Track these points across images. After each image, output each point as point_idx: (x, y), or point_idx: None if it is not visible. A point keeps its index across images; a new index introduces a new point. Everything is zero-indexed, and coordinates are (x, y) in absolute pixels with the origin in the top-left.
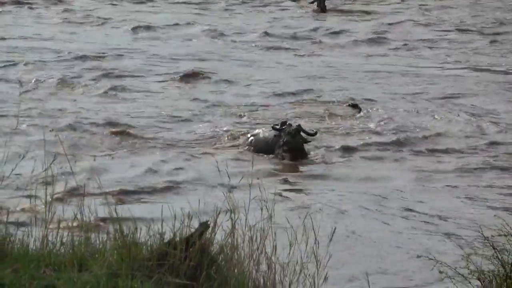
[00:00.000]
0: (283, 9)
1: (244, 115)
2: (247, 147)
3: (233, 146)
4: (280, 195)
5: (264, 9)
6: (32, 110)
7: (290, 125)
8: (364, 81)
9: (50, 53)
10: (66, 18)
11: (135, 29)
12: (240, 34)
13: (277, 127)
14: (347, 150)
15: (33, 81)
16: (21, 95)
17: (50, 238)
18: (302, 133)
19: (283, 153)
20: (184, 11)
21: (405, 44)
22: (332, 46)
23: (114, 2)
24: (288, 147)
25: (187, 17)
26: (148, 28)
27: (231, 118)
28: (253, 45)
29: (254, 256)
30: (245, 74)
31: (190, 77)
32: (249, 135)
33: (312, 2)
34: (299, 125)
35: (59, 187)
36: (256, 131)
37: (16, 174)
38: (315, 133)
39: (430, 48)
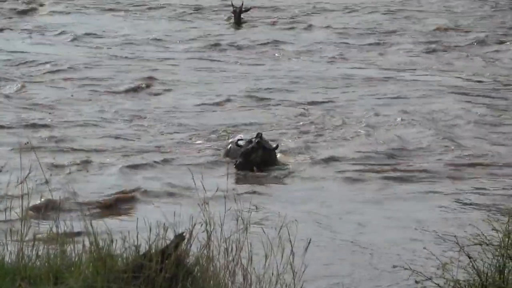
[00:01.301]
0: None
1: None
2: (225, 157)
3: (211, 154)
4: (256, 206)
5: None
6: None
7: (250, 141)
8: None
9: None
10: None
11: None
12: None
13: (241, 143)
14: (325, 161)
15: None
16: None
17: (25, 251)
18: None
19: (235, 166)
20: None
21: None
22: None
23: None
24: (242, 158)
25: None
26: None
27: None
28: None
29: (230, 267)
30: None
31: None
32: (229, 144)
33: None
34: (258, 141)
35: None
36: (237, 137)
37: None
38: (276, 147)
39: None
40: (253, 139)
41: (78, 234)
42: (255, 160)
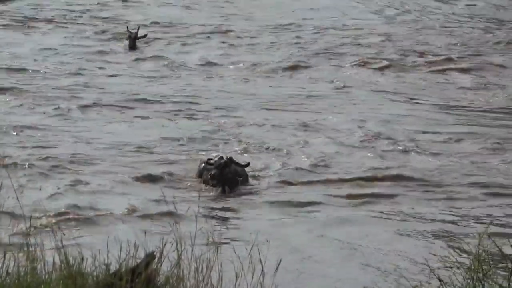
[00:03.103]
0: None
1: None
2: (197, 177)
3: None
4: (227, 226)
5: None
6: None
7: (222, 157)
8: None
9: None
10: None
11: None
12: None
13: (211, 161)
14: (295, 178)
15: None
16: None
17: None
18: (234, 165)
19: (212, 186)
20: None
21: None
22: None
23: None
24: (216, 180)
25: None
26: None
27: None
28: None
29: (200, 287)
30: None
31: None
32: (201, 164)
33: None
34: (230, 158)
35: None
36: (212, 156)
37: None
38: (247, 165)
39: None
40: (224, 156)
41: (49, 251)
42: (228, 175)
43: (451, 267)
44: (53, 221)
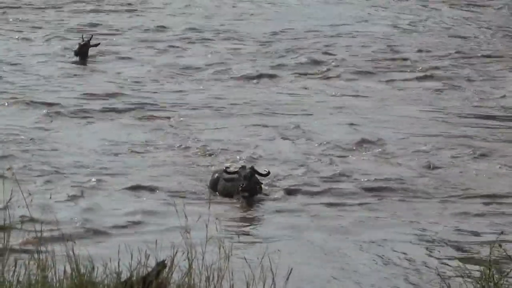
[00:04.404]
0: None
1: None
2: (210, 188)
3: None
4: (238, 235)
5: None
6: None
7: (244, 167)
8: None
9: None
10: None
11: None
12: None
13: (229, 170)
14: (307, 190)
15: None
16: None
17: (6, 276)
18: (256, 175)
19: (242, 197)
20: None
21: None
22: None
23: None
24: (247, 191)
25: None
26: None
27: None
28: None
29: None
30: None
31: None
32: (215, 174)
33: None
34: (252, 167)
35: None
36: (224, 167)
37: None
38: (268, 173)
39: None
40: (244, 166)
41: (60, 260)
42: (254, 186)
43: (462, 276)
44: (64, 229)
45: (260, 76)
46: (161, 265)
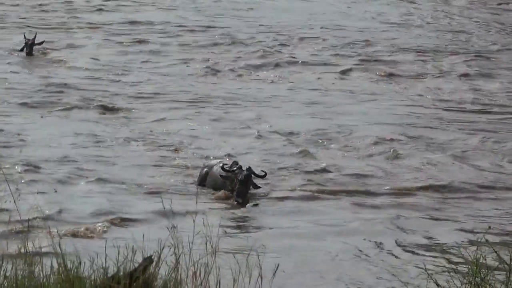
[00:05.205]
0: None
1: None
2: (199, 183)
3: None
4: (225, 230)
5: None
6: None
7: (240, 167)
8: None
9: None
10: None
11: None
12: None
13: (227, 168)
14: (294, 186)
15: None
16: None
17: None
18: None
19: (236, 199)
20: None
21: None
22: None
23: None
24: (241, 197)
25: None
26: None
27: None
28: None
29: None
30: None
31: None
32: (204, 169)
33: (21, 50)
34: (249, 168)
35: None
36: (212, 162)
37: None
38: (265, 175)
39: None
40: (238, 165)
41: (46, 255)
42: (248, 188)
43: (449, 272)
44: (51, 224)
45: (218, 70)
46: (148, 260)
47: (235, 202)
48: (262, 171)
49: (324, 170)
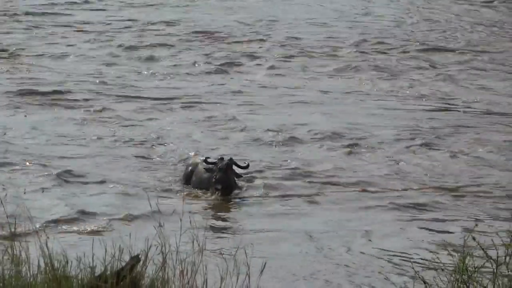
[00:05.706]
0: None
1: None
2: (183, 178)
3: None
4: (212, 229)
5: None
6: None
7: (222, 159)
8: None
9: None
10: None
11: None
12: None
13: (210, 160)
14: (281, 184)
15: None
16: None
17: None
18: (234, 167)
19: (215, 189)
20: None
21: None
22: None
23: None
24: (221, 184)
25: None
26: None
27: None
28: None
29: None
30: None
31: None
32: (188, 167)
33: None
34: (230, 159)
35: None
36: (198, 160)
37: None
38: (247, 166)
39: None
40: (221, 157)
41: (33, 254)
42: (231, 177)
43: (436, 269)
44: (38, 223)
45: (197, 68)
46: (135, 259)
47: (215, 190)
48: (244, 162)
49: (309, 170)
